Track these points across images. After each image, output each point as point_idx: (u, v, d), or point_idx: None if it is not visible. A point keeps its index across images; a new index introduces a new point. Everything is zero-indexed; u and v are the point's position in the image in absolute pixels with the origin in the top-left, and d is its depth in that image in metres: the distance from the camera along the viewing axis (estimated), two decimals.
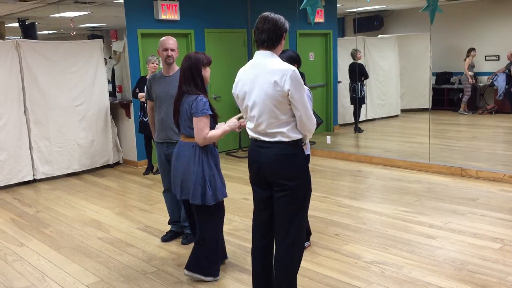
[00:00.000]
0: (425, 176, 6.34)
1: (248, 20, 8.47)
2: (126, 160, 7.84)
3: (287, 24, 2.82)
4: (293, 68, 2.71)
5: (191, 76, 3.49)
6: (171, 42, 4.27)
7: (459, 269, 3.62)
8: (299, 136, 2.78)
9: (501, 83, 11.08)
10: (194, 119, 3.41)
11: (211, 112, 3.44)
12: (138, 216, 5.25)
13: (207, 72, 3.57)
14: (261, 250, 2.98)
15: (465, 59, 10.89)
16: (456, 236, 4.26)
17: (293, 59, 3.70)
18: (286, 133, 2.74)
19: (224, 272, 3.72)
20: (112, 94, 7.97)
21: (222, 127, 3.51)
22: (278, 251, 2.86)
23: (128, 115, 7.55)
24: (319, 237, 4.36)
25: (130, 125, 7.60)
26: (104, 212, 5.43)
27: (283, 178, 2.77)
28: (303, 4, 5.68)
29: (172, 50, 4.24)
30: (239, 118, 3.50)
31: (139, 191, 6.36)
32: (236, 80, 2.92)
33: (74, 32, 8.84)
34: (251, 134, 2.88)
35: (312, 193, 2.95)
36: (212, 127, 3.48)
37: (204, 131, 3.39)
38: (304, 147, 2.88)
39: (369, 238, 4.32)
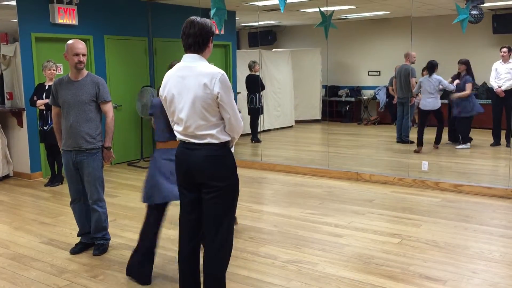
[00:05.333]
0: (325, 181, 6.72)
1: (149, 29, 8.37)
2: (17, 173, 7.27)
3: (214, 28, 2.89)
4: (222, 71, 2.78)
5: None
6: (81, 46, 4.03)
7: (367, 263, 3.91)
8: (227, 138, 2.85)
9: (382, 96, 12.12)
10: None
11: None
12: (40, 230, 4.91)
13: None
14: (189, 252, 2.99)
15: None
16: (360, 234, 4.59)
17: None
18: (215, 135, 2.80)
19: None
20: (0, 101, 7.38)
21: None
22: (208, 251, 2.89)
23: (21, 124, 7.03)
24: (235, 240, 4.39)
25: (22, 135, 7.07)
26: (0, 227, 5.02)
27: (213, 179, 2.81)
28: (211, 14, 5.79)
29: (83, 55, 4.04)
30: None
31: (36, 204, 5.95)
32: (163, 82, 2.92)
33: None
34: (179, 136, 2.89)
35: None
36: None
37: None
38: None
39: (282, 239, 4.49)
